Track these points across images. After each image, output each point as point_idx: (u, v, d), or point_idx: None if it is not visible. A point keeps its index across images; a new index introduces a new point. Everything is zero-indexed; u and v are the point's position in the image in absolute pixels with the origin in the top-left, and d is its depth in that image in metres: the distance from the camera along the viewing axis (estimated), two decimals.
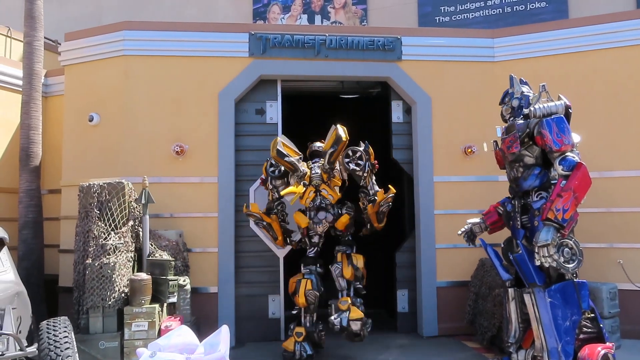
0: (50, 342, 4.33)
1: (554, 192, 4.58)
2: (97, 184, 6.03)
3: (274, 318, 7.09)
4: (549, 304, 4.59)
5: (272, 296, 7.09)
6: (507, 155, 5.08)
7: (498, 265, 5.09)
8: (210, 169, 6.97)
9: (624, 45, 7.08)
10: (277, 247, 7.02)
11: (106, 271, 5.49)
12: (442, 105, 7.42)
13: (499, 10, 12.29)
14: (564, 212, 4.45)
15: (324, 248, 6.36)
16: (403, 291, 7.45)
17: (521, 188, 5.00)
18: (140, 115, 6.96)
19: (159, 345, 2.09)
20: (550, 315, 4.58)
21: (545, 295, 4.61)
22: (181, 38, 7.11)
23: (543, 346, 4.63)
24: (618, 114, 7.01)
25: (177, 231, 6.67)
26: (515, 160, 5.01)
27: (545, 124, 4.74)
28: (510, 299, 4.99)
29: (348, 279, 6.06)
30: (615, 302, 6.33)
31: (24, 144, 7.01)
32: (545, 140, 4.72)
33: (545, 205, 4.61)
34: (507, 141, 5.02)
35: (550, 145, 4.69)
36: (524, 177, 4.95)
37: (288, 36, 7.24)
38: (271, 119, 7.32)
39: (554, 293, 4.62)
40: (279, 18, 13.33)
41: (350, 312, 5.86)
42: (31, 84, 7.08)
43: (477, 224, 5.49)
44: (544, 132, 4.72)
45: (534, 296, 4.69)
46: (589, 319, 4.77)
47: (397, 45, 7.39)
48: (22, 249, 6.82)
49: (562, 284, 4.69)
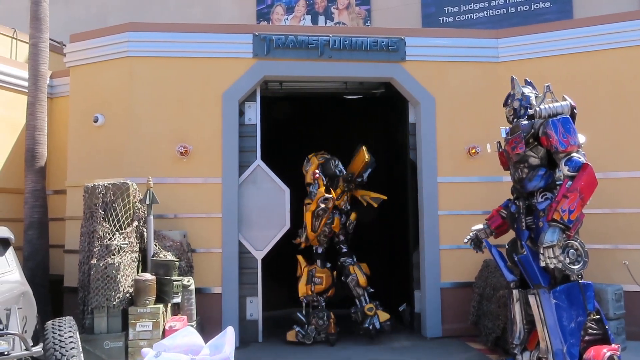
0: (56, 342, 4.35)
1: (559, 192, 4.54)
2: (102, 185, 6.05)
3: (251, 320, 7.05)
4: (554, 305, 4.55)
5: (250, 297, 7.07)
6: (512, 156, 5.06)
7: (502, 267, 5.06)
8: (214, 170, 6.98)
9: (629, 45, 7.05)
10: (256, 250, 7.08)
11: (111, 271, 5.51)
12: (446, 106, 7.40)
13: (503, 11, 12.27)
14: (569, 213, 4.41)
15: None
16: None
17: (526, 189, 4.97)
18: (145, 116, 6.99)
19: (164, 345, 2.09)
20: (555, 316, 4.55)
21: (550, 297, 4.58)
22: (185, 39, 7.13)
23: (548, 348, 4.60)
24: (623, 115, 6.98)
25: (181, 232, 6.69)
26: (520, 161, 4.98)
27: (551, 124, 4.71)
28: (515, 300, 4.96)
29: (364, 286, 6.95)
30: (621, 303, 6.29)
31: (30, 145, 7.04)
32: (551, 140, 4.69)
33: (551, 205, 4.58)
34: (511, 142, 4.98)
35: (556, 146, 4.66)
36: (529, 178, 4.92)
37: (292, 37, 7.25)
38: (249, 120, 7.30)
39: (559, 294, 4.58)
40: (282, 19, 13.35)
41: (380, 316, 6.84)
42: (36, 85, 7.12)
43: (482, 230, 5.46)
44: (550, 132, 4.69)
45: (538, 297, 4.65)
46: (594, 321, 4.73)
47: (401, 46, 7.38)
48: (27, 249, 6.86)
49: (568, 286, 4.65)
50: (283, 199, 7.20)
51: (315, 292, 6.95)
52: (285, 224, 7.17)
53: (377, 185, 7.59)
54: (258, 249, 7.10)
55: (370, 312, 6.81)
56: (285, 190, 7.25)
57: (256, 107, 7.32)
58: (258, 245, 7.10)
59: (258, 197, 7.16)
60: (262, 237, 7.12)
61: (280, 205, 7.18)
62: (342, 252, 7.19)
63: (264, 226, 7.12)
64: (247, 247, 7.07)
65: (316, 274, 6.97)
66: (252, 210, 7.13)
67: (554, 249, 4.42)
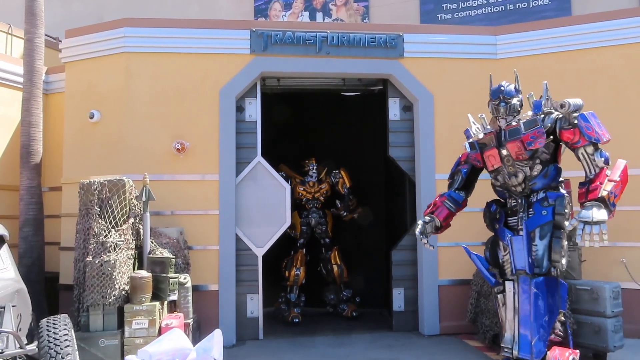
0: (50, 340, 4.30)
1: (599, 176, 4.36)
2: (98, 181, 6.01)
3: (252, 317, 7.03)
4: (533, 295, 4.42)
5: (250, 295, 7.04)
6: (521, 153, 4.73)
7: (484, 272, 4.94)
8: (211, 167, 6.95)
9: (627, 42, 7.03)
10: (256, 247, 7.07)
11: (106, 269, 5.47)
12: (444, 103, 7.37)
13: (502, 8, 12.24)
14: (614, 197, 4.24)
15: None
16: (399, 289, 7.41)
17: (537, 187, 4.79)
18: (141, 112, 6.94)
19: (149, 353, 2.00)
20: (531, 306, 4.41)
21: (531, 285, 4.45)
22: (182, 35, 7.08)
23: (515, 338, 4.49)
24: (621, 112, 6.96)
25: (177, 229, 6.65)
26: (531, 157, 4.75)
27: (585, 117, 4.55)
28: (502, 305, 4.86)
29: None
30: (619, 301, 6.27)
31: (25, 142, 6.99)
32: (589, 133, 4.48)
33: (591, 186, 4.35)
34: (528, 137, 4.66)
35: (596, 138, 4.47)
36: (544, 174, 4.75)
37: (289, 33, 7.20)
38: (250, 117, 7.25)
39: (540, 285, 4.46)
40: (280, 15, 13.30)
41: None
42: (32, 81, 7.06)
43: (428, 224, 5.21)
44: (586, 124, 4.49)
45: (517, 285, 4.52)
46: (561, 322, 4.67)
47: (399, 43, 7.35)
48: (22, 247, 6.81)
49: (549, 278, 4.54)
50: (284, 195, 7.16)
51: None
52: (285, 220, 7.14)
53: (376, 184, 7.62)
54: (258, 245, 7.06)
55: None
56: (286, 187, 7.24)
57: (257, 104, 7.27)
58: (258, 242, 7.07)
59: (258, 194, 7.12)
60: (262, 234, 7.08)
61: (281, 202, 7.14)
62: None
63: (264, 223, 7.09)
64: (247, 244, 7.03)
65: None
66: (252, 207, 7.10)
67: (601, 226, 4.10)
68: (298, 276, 8.20)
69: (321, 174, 8.52)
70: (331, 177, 8.53)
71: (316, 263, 8.69)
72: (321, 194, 8.48)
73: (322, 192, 8.48)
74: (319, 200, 8.48)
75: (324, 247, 8.54)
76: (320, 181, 8.51)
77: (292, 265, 8.25)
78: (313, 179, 8.43)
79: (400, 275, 7.42)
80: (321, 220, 8.42)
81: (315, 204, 8.44)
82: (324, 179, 8.53)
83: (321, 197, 8.49)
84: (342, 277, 8.44)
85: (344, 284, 8.49)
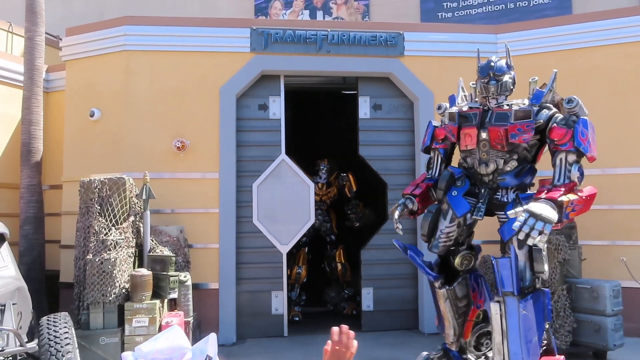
0: (51, 338, 4.31)
1: (566, 186, 3.91)
2: (98, 180, 6.01)
3: (277, 314, 7.06)
4: (522, 317, 3.95)
5: (275, 292, 7.07)
6: (500, 143, 4.18)
7: (421, 266, 4.41)
8: (212, 165, 6.95)
9: (628, 41, 7.03)
10: (281, 245, 7.05)
11: (107, 267, 5.47)
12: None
13: (502, 6, 12.22)
14: (572, 210, 3.82)
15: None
16: (368, 289, 7.34)
17: (504, 183, 4.24)
18: (142, 110, 6.94)
19: (143, 352, 1.98)
20: (521, 328, 3.96)
21: (519, 307, 3.96)
22: (182, 33, 7.08)
23: None
24: (622, 111, 6.96)
25: (178, 227, 6.65)
26: (510, 151, 4.19)
27: (586, 124, 4.05)
28: (444, 299, 4.38)
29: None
30: (619, 299, 6.27)
31: (25, 140, 6.99)
32: (581, 138, 3.97)
33: (554, 189, 3.90)
34: (514, 128, 4.11)
35: (585, 147, 3.96)
36: (517, 173, 4.24)
37: (290, 31, 7.20)
38: (274, 115, 7.28)
39: (528, 305, 3.98)
40: (280, 14, 13.28)
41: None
42: (32, 79, 7.06)
43: (407, 206, 4.53)
44: (583, 130, 3.99)
45: (504, 306, 3.99)
46: (545, 330, 4.22)
47: (400, 41, 7.34)
48: (23, 245, 6.82)
49: (535, 295, 4.05)
50: (307, 193, 7.16)
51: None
52: (310, 218, 7.16)
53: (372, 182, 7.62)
54: (283, 243, 7.06)
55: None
56: (310, 184, 7.24)
57: (280, 102, 7.28)
58: (283, 240, 7.08)
59: (282, 192, 7.13)
60: (286, 231, 7.09)
61: (305, 200, 7.16)
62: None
63: (288, 220, 7.10)
64: (271, 242, 7.03)
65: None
66: (276, 205, 7.10)
67: (545, 226, 3.59)
68: (300, 274, 8.18)
69: (331, 177, 8.53)
70: (339, 180, 8.56)
71: (318, 262, 8.69)
72: (329, 197, 8.50)
73: (330, 196, 8.51)
74: (325, 203, 8.47)
75: (330, 245, 8.54)
76: (329, 184, 8.51)
77: (294, 263, 8.24)
78: (322, 180, 8.42)
79: (369, 274, 7.33)
80: (325, 219, 8.46)
81: (321, 206, 8.38)
82: (332, 182, 8.54)
83: (328, 201, 8.50)
84: (345, 276, 8.44)
85: (346, 282, 8.49)
